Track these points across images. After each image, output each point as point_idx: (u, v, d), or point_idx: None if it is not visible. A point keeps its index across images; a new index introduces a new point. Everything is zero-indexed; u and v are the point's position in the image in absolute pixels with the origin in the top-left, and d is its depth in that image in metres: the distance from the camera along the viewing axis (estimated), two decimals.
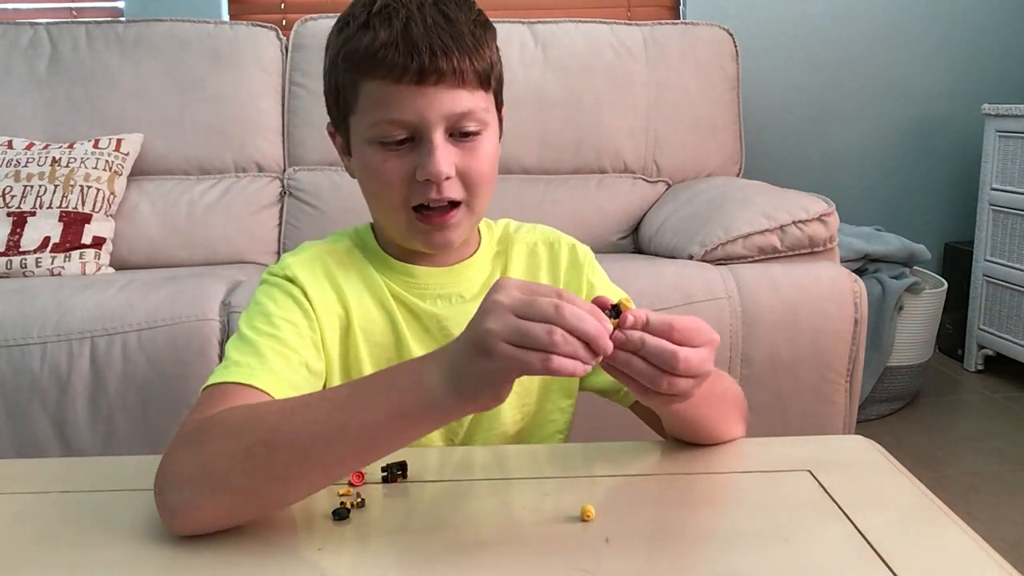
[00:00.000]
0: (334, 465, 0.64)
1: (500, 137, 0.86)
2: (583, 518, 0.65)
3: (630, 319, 0.62)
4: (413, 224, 0.81)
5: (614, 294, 0.91)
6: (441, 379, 0.61)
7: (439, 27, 0.76)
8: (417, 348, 0.85)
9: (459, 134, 0.79)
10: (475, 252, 0.89)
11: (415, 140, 0.78)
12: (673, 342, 0.62)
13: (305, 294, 0.82)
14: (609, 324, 0.61)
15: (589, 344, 0.58)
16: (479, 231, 0.91)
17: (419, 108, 0.77)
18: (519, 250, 0.91)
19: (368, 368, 0.84)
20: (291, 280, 0.82)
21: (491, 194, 0.84)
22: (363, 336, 0.84)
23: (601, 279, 0.92)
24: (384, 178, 0.80)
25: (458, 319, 0.84)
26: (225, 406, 0.69)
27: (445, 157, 0.78)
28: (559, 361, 0.58)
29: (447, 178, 0.78)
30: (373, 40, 0.76)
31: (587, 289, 0.90)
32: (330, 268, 0.85)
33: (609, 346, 0.59)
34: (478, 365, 0.59)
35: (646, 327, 0.62)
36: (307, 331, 0.81)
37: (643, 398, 0.66)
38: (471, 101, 0.78)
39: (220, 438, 0.65)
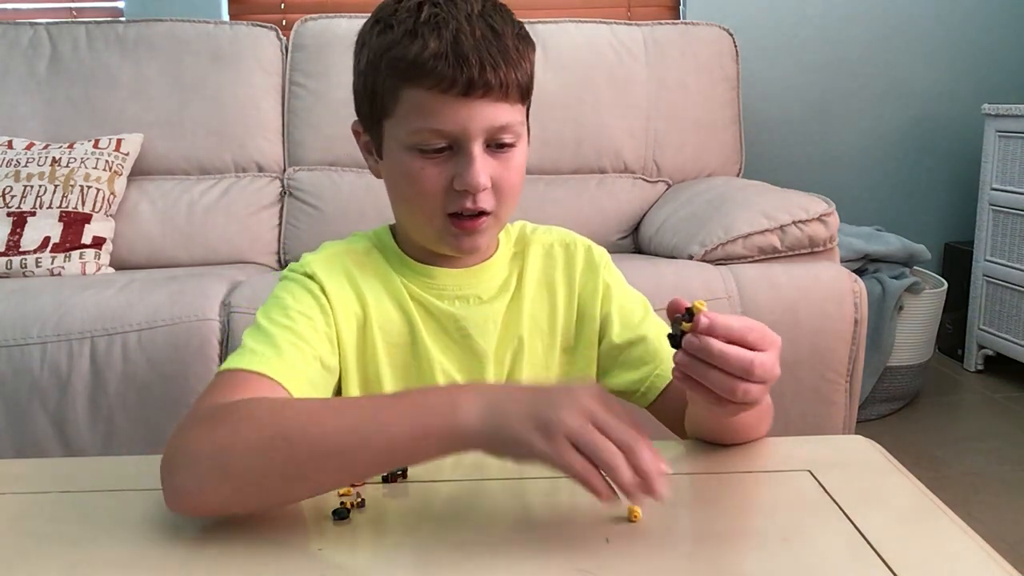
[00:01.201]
0: (348, 472, 0.65)
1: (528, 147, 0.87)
2: (630, 519, 0.64)
3: (704, 321, 0.62)
4: (446, 228, 0.82)
5: (631, 296, 0.93)
6: (479, 415, 0.61)
7: (487, 40, 0.77)
8: (434, 348, 0.86)
9: (495, 145, 0.80)
10: (493, 254, 0.90)
11: (453, 149, 0.79)
12: (748, 347, 0.63)
13: (323, 291, 0.83)
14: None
15: (644, 479, 0.58)
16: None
17: (462, 120, 0.77)
18: (535, 251, 0.92)
19: (385, 367, 0.85)
20: (310, 276, 0.83)
21: (517, 203, 0.86)
22: (381, 335, 0.85)
23: (617, 280, 0.93)
24: (421, 185, 0.81)
25: (475, 319, 0.86)
26: (241, 393, 0.70)
27: (483, 169, 0.79)
28: (597, 480, 0.58)
29: (484, 189, 0.79)
30: (423, 49, 0.76)
31: (603, 290, 0.91)
32: (349, 267, 0.86)
33: (664, 492, 0.58)
34: (529, 434, 0.59)
35: (720, 332, 0.62)
36: (323, 326, 0.81)
37: (714, 408, 0.67)
38: (510, 114, 0.80)
39: (240, 425, 0.65)
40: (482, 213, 0.81)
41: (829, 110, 2.81)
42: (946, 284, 2.44)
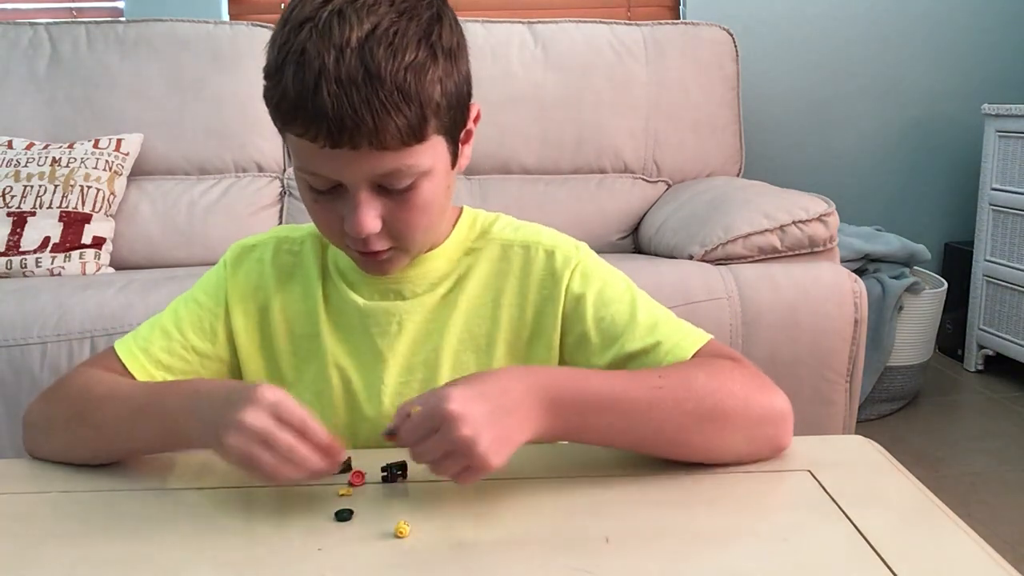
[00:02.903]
0: (123, 450, 0.77)
1: (456, 165, 0.78)
2: (397, 535, 0.63)
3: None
4: (349, 252, 0.79)
5: (612, 303, 0.82)
6: (198, 421, 0.70)
7: (354, 86, 0.66)
8: (333, 342, 0.84)
9: (387, 186, 0.73)
10: (437, 247, 0.83)
11: (342, 187, 0.73)
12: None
13: (228, 279, 0.86)
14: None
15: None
16: (454, 223, 0.86)
17: (337, 169, 0.71)
18: (491, 251, 0.85)
19: (288, 356, 0.86)
20: (226, 263, 0.87)
21: (436, 227, 0.80)
22: (284, 326, 0.86)
23: (594, 287, 0.82)
24: (316, 219, 0.78)
25: (378, 318, 0.83)
26: (100, 365, 0.83)
27: (368, 214, 0.72)
28: (268, 475, 0.65)
29: (371, 234, 0.73)
30: (283, 96, 0.68)
31: (567, 304, 0.82)
32: (269, 256, 0.87)
33: (325, 470, 0.67)
34: (219, 436, 0.66)
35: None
36: (208, 314, 0.86)
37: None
38: (396, 160, 0.70)
39: (58, 402, 0.80)
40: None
41: (829, 110, 2.81)
42: (946, 284, 2.44)
